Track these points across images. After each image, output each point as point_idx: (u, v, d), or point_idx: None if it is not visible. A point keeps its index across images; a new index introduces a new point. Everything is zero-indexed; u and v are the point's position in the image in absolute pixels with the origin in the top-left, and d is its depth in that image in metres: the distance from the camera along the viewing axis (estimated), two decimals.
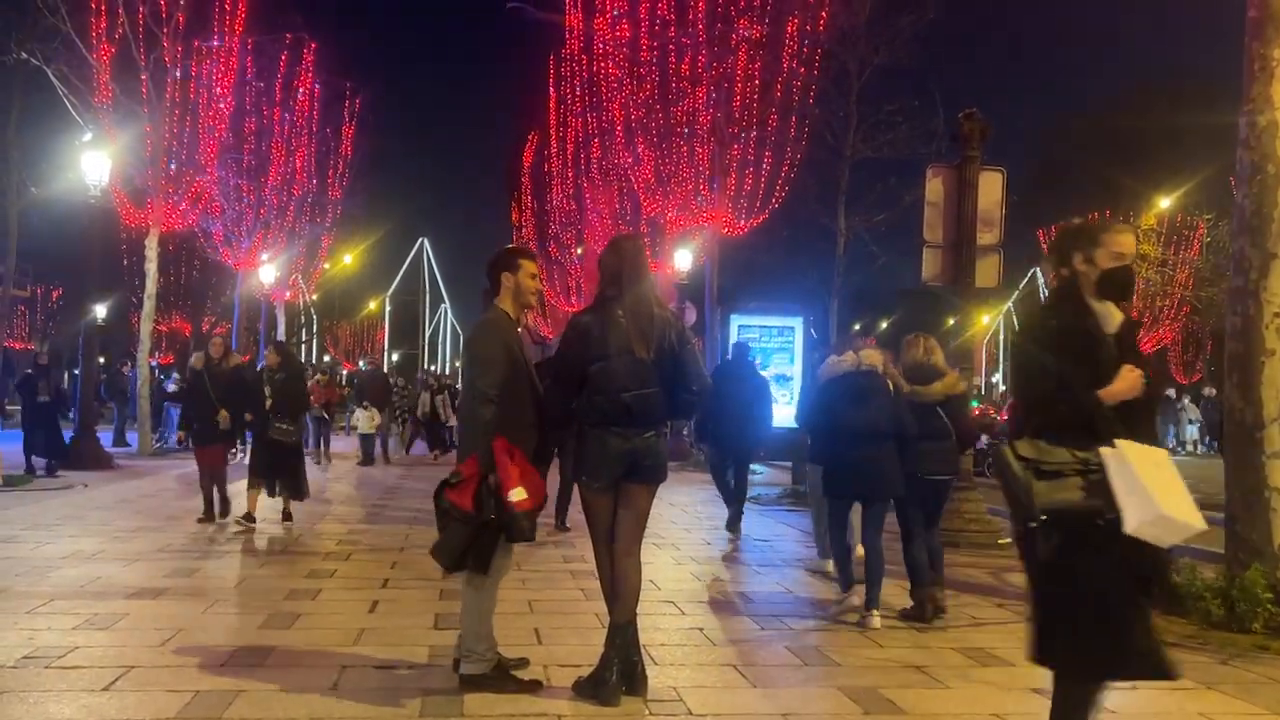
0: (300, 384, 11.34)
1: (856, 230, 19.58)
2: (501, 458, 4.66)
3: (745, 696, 5.07)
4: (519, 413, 4.90)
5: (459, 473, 4.82)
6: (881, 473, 6.52)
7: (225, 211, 26.67)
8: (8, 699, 4.67)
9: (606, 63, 22.42)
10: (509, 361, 4.89)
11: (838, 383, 6.80)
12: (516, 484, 4.63)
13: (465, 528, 4.71)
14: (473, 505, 4.68)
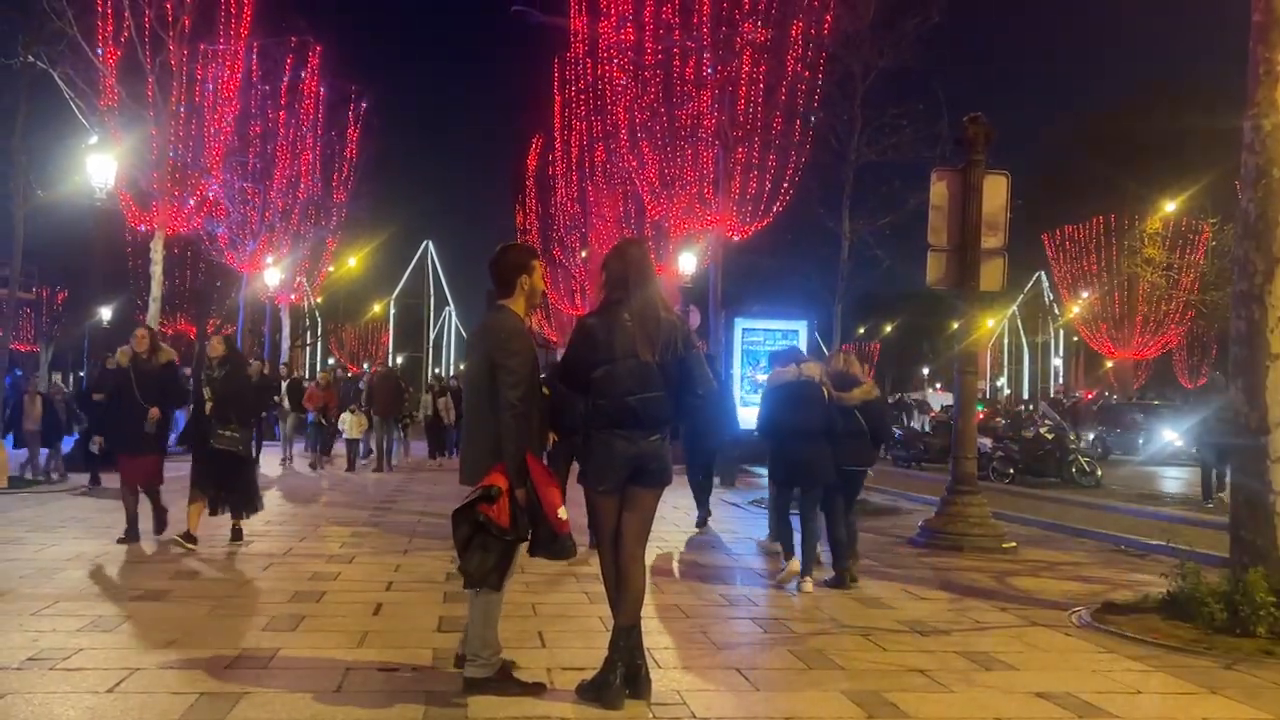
0: (244, 382, 9.75)
1: (861, 234, 19.55)
2: (540, 476, 4.69)
3: (748, 699, 5.07)
4: (537, 418, 4.91)
5: (497, 486, 4.70)
6: (815, 464, 7.75)
7: (230, 214, 26.71)
8: (12, 700, 4.68)
9: (611, 66, 22.44)
10: (534, 372, 4.88)
11: (781, 390, 7.93)
12: (560, 503, 4.65)
13: (500, 543, 4.71)
14: (509, 522, 4.67)
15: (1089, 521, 12.78)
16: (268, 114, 27.07)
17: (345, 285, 46.63)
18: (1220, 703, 5.18)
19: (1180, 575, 6.99)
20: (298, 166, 28.75)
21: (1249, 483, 6.95)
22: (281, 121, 27.72)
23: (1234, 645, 6.21)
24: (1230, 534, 7.12)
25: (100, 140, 19.13)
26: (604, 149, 28.13)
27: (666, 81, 20.30)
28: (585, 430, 5.01)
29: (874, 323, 75.59)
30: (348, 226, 34.80)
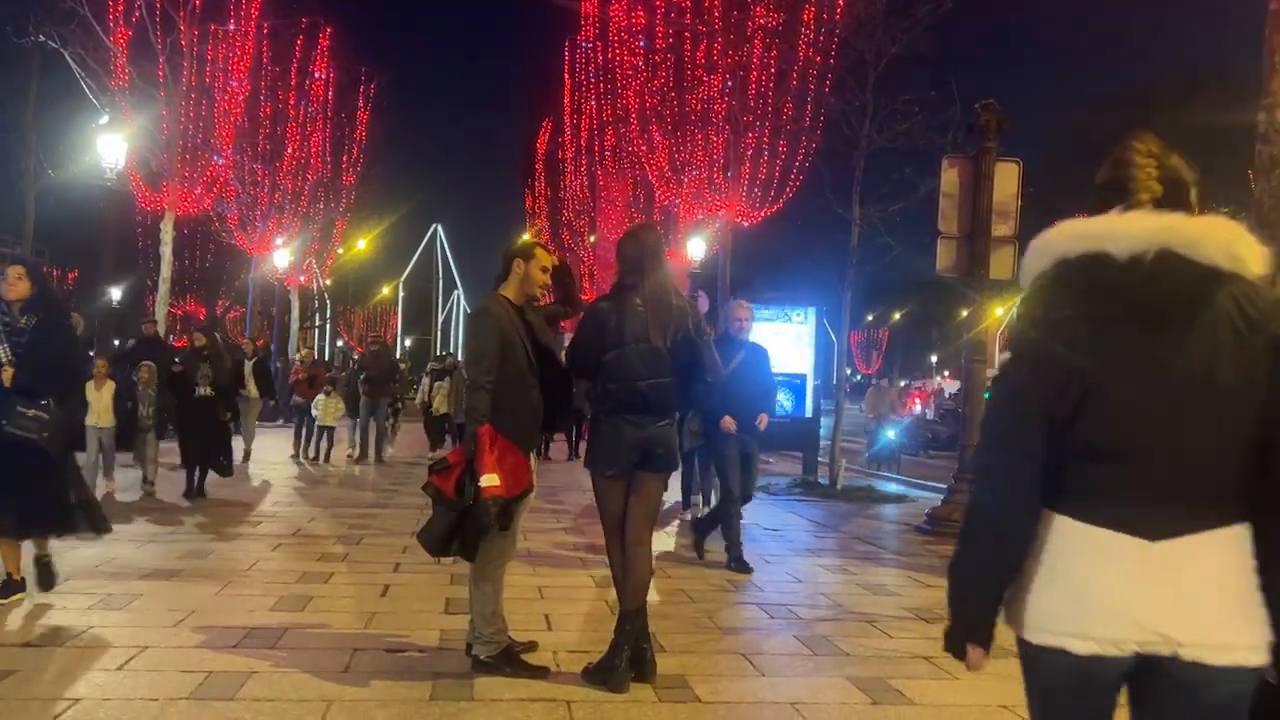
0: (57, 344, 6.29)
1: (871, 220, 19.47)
2: (481, 444, 4.66)
3: (753, 685, 5.09)
4: (518, 399, 4.90)
5: (446, 460, 4.85)
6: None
7: (240, 195, 26.76)
8: (23, 678, 4.72)
9: (621, 50, 22.38)
10: (506, 350, 4.87)
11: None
12: (490, 470, 4.61)
13: (449, 514, 4.73)
14: (455, 491, 4.70)
15: None
16: (278, 95, 27.07)
17: (354, 267, 46.71)
18: None
19: None
20: (308, 148, 28.76)
21: None
22: (291, 103, 27.71)
23: None
24: None
25: (111, 120, 19.17)
26: (614, 133, 28.07)
27: (677, 66, 20.25)
28: (593, 414, 5.02)
29: (883, 309, 75.37)
30: (357, 209, 34.88)
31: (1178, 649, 1.99)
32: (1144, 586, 2.01)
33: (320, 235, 33.08)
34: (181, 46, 20.72)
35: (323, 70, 28.89)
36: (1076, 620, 2.07)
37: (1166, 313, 2.04)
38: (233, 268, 37.86)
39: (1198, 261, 2.04)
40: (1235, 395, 2.00)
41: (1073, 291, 2.11)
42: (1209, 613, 1.99)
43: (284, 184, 28.11)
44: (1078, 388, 2.06)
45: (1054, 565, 2.11)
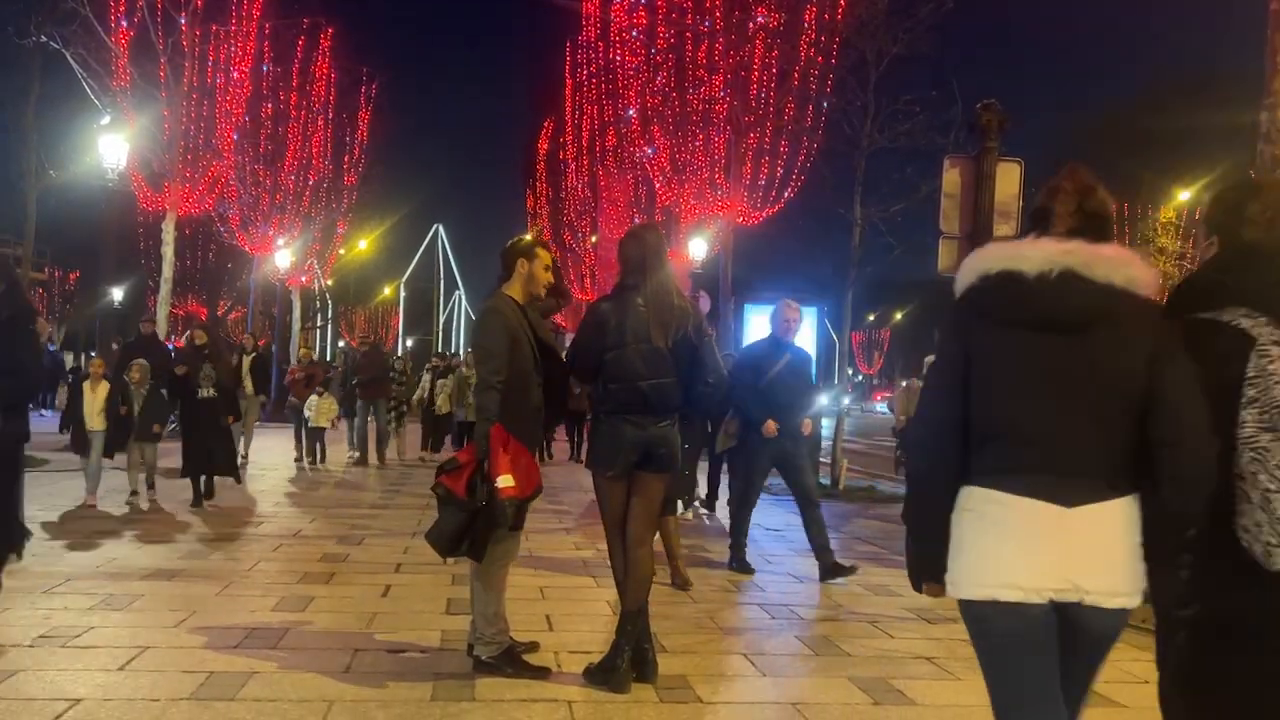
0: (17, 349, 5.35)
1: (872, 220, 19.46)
2: (494, 444, 4.67)
3: (755, 685, 5.08)
4: (523, 399, 4.91)
5: (456, 458, 4.86)
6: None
7: (242, 196, 26.76)
8: (24, 678, 4.72)
9: (623, 50, 22.37)
10: (514, 349, 4.87)
11: None
12: (505, 471, 4.63)
13: (459, 514, 4.73)
14: (465, 491, 4.70)
15: None
16: (279, 96, 27.08)
17: (356, 268, 46.75)
18: None
19: None
20: (309, 149, 28.77)
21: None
22: (293, 103, 27.72)
23: None
24: None
25: (112, 121, 19.17)
26: (615, 133, 28.06)
27: (678, 66, 20.24)
28: (593, 414, 5.02)
29: (885, 309, 75.39)
30: (358, 209, 34.88)
31: (1083, 596, 2.43)
32: (1060, 546, 2.44)
33: (322, 235, 33.10)
34: (183, 47, 20.73)
35: (324, 71, 28.89)
36: (1007, 573, 2.46)
37: (1066, 321, 2.47)
38: (234, 268, 37.88)
39: (1095, 280, 2.46)
40: (1122, 392, 2.45)
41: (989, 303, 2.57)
42: (1107, 567, 2.45)
43: (285, 184, 28.12)
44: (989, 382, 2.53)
45: (983, 531, 2.51)
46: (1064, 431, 2.46)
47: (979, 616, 2.55)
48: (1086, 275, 2.47)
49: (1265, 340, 2.47)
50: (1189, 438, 2.42)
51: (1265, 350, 2.46)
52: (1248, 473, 2.44)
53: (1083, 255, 2.49)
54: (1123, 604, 2.48)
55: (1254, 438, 2.43)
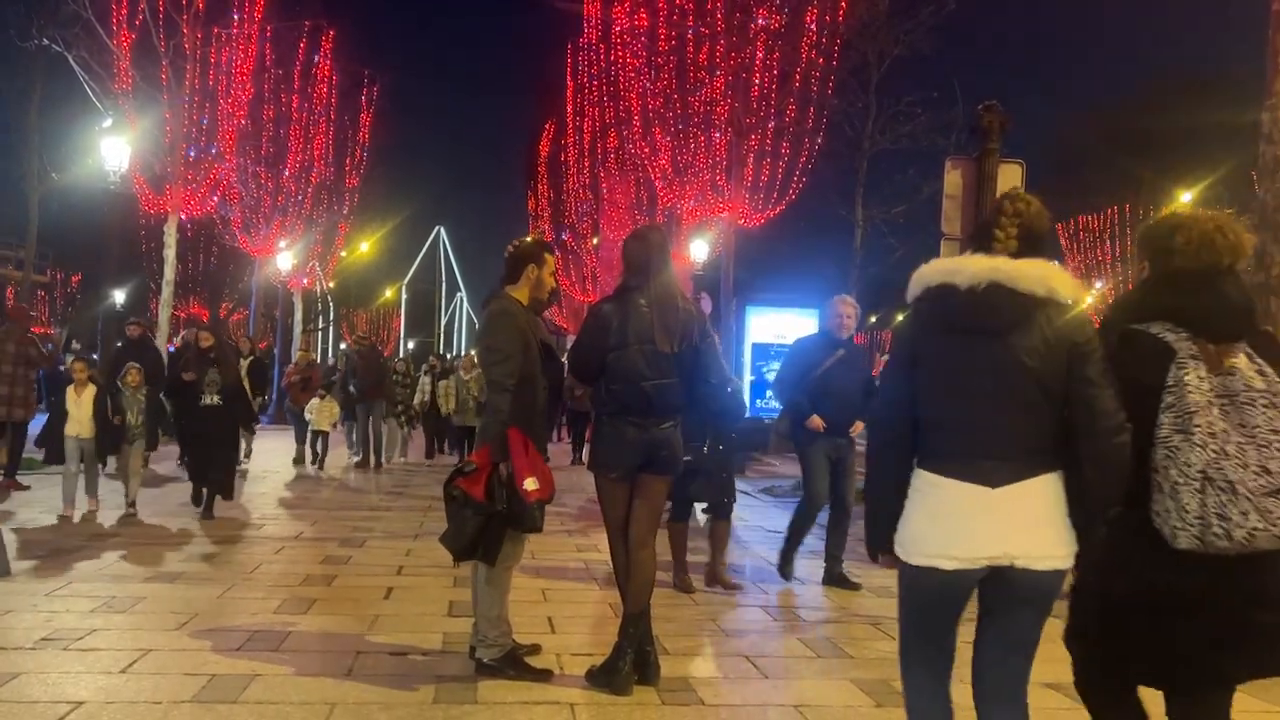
0: None
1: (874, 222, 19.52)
2: (516, 448, 4.66)
3: (758, 687, 5.08)
4: (531, 401, 4.91)
5: (472, 461, 4.85)
6: None
7: (243, 198, 26.78)
8: (26, 680, 4.72)
9: (624, 52, 22.37)
10: (524, 350, 4.89)
11: None
12: (530, 474, 4.63)
13: (477, 518, 4.73)
14: (485, 495, 4.69)
15: None
16: (281, 98, 27.09)
17: (357, 270, 46.76)
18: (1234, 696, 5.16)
19: None
20: (310, 151, 28.78)
21: None
22: (295, 105, 27.74)
23: None
24: None
25: (114, 123, 19.18)
26: (616, 135, 28.06)
27: (680, 67, 20.24)
28: (596, 416, 5.01)
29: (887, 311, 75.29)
30: (360, 211, 34.89)
31: (1015, 560, 2.85)
32: (990, 520, 2.85)
33: (323, 238, 33.12)
34: (184, 49, 20.74)
35: (325, 73, 28.90)
36: (944, 546, 2.90)
37: (994, 326, 2.87)
38: (236, 270, 37.90)
39: (1019, 291, 2.85)
40: (1046, 385, 2.84)
41: (929, 311, 2.98)
42: (1035, 536, 2.86)
43: (287, 187, 28.14)
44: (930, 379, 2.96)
45: (926, 508, 2.95)
46: (993, 422, 2.88)
47: (916, 576, 3.02)
48: (1011, 287, 2.85)
49: (1184, 354, 2.84)
50: (1103, 425, 2.81)
51: (1183, 363, 2.83)
52: (1160, 466, 2.81)
53: (1008, 270, 2.87)
54: (1054, 565, 2.89)
55: (1168, 438, 2.79)
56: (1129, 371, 2.86)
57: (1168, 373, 2.83)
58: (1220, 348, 2.86)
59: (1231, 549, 2.72)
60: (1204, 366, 2.83)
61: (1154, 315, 2.94)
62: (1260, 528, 2.68)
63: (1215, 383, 2.82)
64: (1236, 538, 2.70)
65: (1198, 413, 2.76)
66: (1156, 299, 2.98)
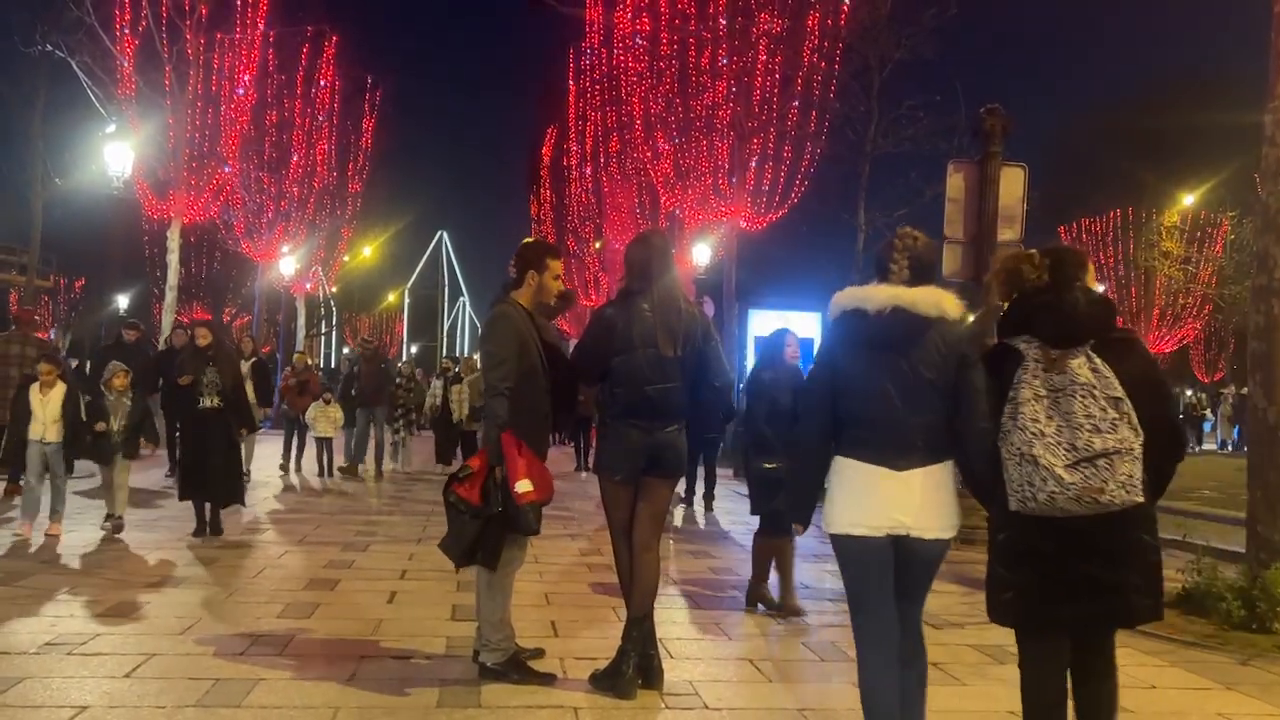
0: None
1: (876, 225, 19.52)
2: (509, 451, 4.67)
3: (761, 691, 5.07)
4: (531, 404, 4.91)
5: (468, 467, 4.87)
6: None
7: (246, 203, 26.82)
8: (30, 685, 4.72)
9: (626, 56, 22.39)
10: (522, 355, 4.89)
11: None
12: (523, 476, 4.64)
13: (474, 522, 4.74)
14: (480, 499, 4.71)
15: None
16: (284, 103, 27.14)
17: (360, 275, 46.82)
18: (1236, 698, 5.17)
19: (1196, 570, 6.96)
20: (313, 156, 28.82)
21: (1267, 477, 6.90)
22: (297, 111, 27.78)
23: (1250, 641, 6.19)
24: (1247, 529, 7.08)
25: (118, 129, 19.23)
26: (619, 139, 28.08)
27: (682, 72, 20.25)
28: (600, 420, 5.01)
29: None
30: (363, 216, 34.97)
31: (909, 530, 3.57)
32: (892, 497, 3.56)
33: (326, 243, 33.17)
34: (188, 55, 20.78)
35: (328, 78, 28.95)
36: (856, 517, 3.61)
37: (896, 343, 3.56)
38: (239, 275, 37.99)
39: (916, 313, 3.53)
40: (938, 390, 3.55)
41: (845, 330, 3.65)
42: (926, 511, 3.57)
43: (290, 191, 28.17)
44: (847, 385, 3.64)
45: (843, 488, 3.65)
46: (898, 419, 3.55)
47: (841, 543, 3.68)
48: (910, 310, 3.52)
49: (1029, 359, 3.47)
50: (978, 421, 3.52)
51: (1026, 365, 3.46)
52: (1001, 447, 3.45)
53: (906, 297, 3.55)
54: (938, 535, 3.61)
55: (1004, 425, 3.45)
56: (994, 376, 3.54)
57: (1015, 374, 3.46)
58: (1062, 351, 3.44)
59: (1039, 509, 3.36)
60: (1042, 367, 3.44)
61: (1017, 330, 3.58)
62: (1057, 491, 3.31)
63: (1049, 380, 3.42)
64: (1040, 500, 3.34)
65: (1024, 405, 3.41)
66: (1019, 317, 3.62)
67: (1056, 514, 3.36)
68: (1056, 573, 3.48)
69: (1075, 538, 3.43)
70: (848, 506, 3.61)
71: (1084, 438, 3.32)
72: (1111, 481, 3.31)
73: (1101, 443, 3.32)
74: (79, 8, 19.65)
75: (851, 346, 3.64)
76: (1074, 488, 3.30)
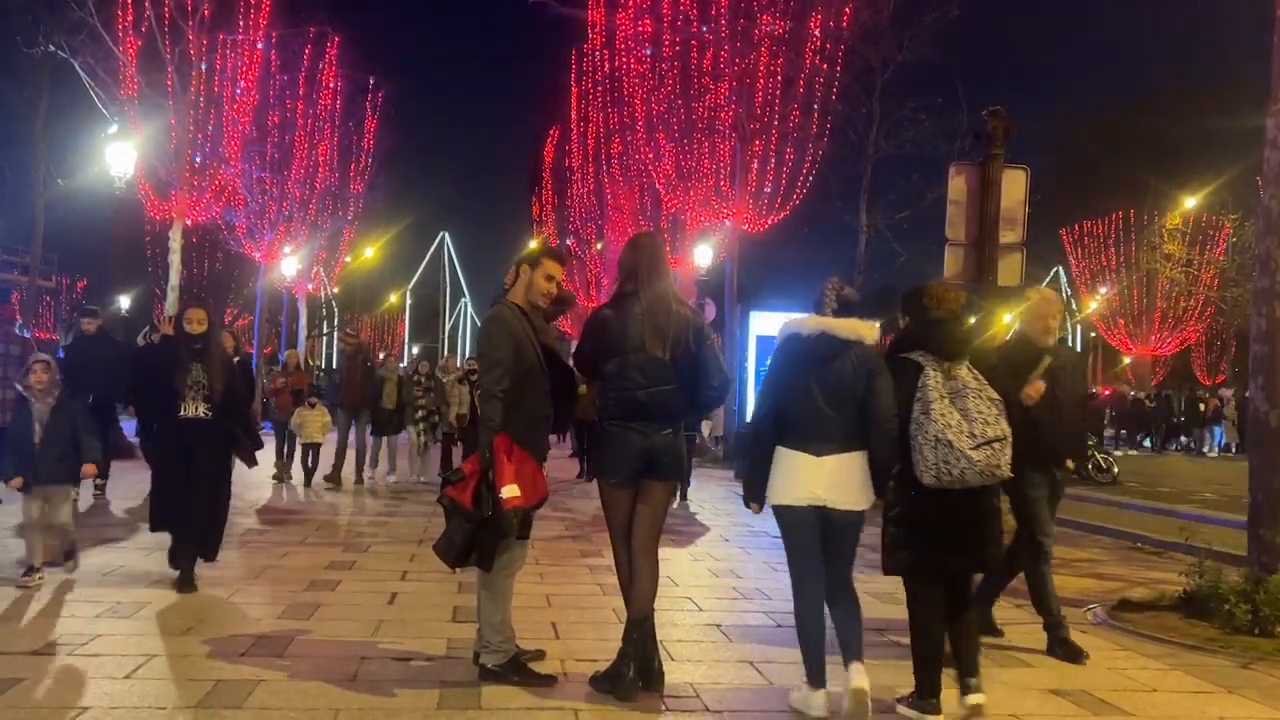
0: None
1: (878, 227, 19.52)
2: (498, 455, 4.68)
3: (762, 693, 5.07)
4: (528, 407, 4.91)
5: (461, 470, 4.87)
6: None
7: (248, 204, 26.82)
8: (30, 686, 4.72)
9: (628, 58, 22.39)
10: (516, 357, 4.88)
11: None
12: (510, 481, 4.64)
13: (466, 524, 4.75)
14: (472, 502, 4.71)
15: (1105, 518, 12.73)
16: (286, 104, 27.14)
17: (362, 276, 46.84)
18: (1237, 702, 5.16)
19: (1198, 573, 6.95)
20: (315, 157, 28.83)
21: (1269, 481, 6.89)
22: (299, 112, 27.79)
23: (1251, 644, 6.18)
24: (1249, 532, 7.06)
25: (120, 129, 19.23)
26: (620, 141, 28.08)
27: (684, 74, 20.24)
28: (598, 423, 5.01)
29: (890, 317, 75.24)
30: (364, 217, 34.98)
31: (827, 503, 4.60)
32: (815, 477, 4.58)
33: (328, 243, 33.17)
34: (190, 56, 20.78)
35: (330, 79, 28.96)
36: (789, 492, 4.65)
37: (824, 359, 4.63)
38: (241, 276, 37.99)
39: (839, 337, 4.63)
40: (853, 394, 4.58)
41: (789, 348, 4.73)
42: (837, 488, 4.58)
43: (292, 192, 28.18)
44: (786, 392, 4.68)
45: (780, 470, 4.66)
46: (822, 417, 4.59)
47: (778, 511, 4.72)
48: (834, 334, 4.63)
49: (929, 369, 4.62)
50: (882, 419, 4.57)
51: (927, 374, 4.61)
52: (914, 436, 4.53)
53: (831, 324, 4.67)
54: (850, 508, 4.62)
55: (918, 418, 4.53)
56: (899, 382, 4.61)
57: (918, 380, 4.58)
58: (950, 364, 4.66)
59: (954, 483, 4.45)
60: (940, 375, 4.60)
61: (914, 347, 4.75)
62: (967, 467, 4.42)
63: (946, 384, 4.59)
64: (955, 474, 4.43)
65: (934, 402, 4.51)
66: (917, 337, 4.80)
67: (958, 486, 4.45)
68: (940, 533, 4.64)
69: (955, 507, 4.58)
70: (782, 484, 4.64)
71: (979, 428, 4.46)
72: (1003, 460, 4.48)
73: (992, 431, 4.48)
74: (81, 9, 19.65)
75: (790, 361, 4.69)
76: (980, 464, 4.42)
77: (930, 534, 4.64)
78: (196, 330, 7.09)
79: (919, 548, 4.66)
